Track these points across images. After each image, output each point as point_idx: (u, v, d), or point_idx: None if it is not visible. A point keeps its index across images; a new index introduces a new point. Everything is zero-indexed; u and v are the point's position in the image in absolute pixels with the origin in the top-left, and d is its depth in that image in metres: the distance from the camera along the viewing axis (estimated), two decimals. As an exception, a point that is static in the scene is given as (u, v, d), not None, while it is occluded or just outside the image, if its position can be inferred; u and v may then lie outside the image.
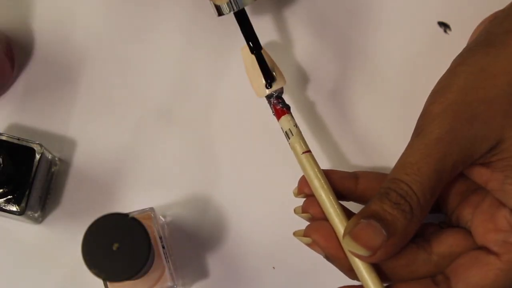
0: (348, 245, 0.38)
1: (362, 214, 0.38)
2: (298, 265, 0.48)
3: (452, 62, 0.40)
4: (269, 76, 0.44)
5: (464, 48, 0.40)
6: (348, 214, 0.40)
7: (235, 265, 0.48)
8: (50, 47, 0.50)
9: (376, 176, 0.42)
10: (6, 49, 0.49)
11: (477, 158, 0.38)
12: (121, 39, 0.51)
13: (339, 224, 0.39)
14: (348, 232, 0.38)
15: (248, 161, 0.49)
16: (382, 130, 0.50)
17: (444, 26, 0.51)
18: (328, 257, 0.40)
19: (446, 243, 0.39)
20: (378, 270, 0.39)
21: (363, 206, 0.40)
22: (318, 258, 0.41)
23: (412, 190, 0.37)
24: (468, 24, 0.48)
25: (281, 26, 0.51)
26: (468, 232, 0.40)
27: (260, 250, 0.48)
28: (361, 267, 0.38)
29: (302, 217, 0.42)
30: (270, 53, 0.45)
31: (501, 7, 0.42)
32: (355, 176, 0.42)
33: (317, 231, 0.40)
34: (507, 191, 0.37)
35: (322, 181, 0.40)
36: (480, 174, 0.39)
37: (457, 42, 0.45)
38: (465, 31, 0.48)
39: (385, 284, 0.39)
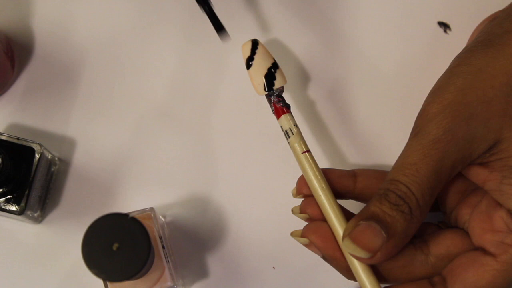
0: (348, 247, 0.38)
1: (361, 216, 0.38)
2: (298, 265, 0.48)
3: (451, 62, 0.40)
4: (217, 25, 0.43)
5: (463, 49, 0.40)
6: (347, 215, 0.40)
7: (235, 265, 0.48)
8: (50, 47, 0.50)
9: (375, 173, 0.42)
10: (7, 48, 0.49)
11: (475, 158, 0.38)
12: (121, 39, 0.51)
13: (337, 226, 0.39)
14: (347, 234, 0.38)
15: (248, 161, 0.49)
16: (382, 129, 0.50)
17: (444, 26, 0.51)
18: (325, 258, 0.40)
19: (443, 244, 0.39)
20: (375, 271, 0.39)
21: (363, 204, 0.40)
22: (318, 258, 0.41)
23: (410, 191, 0.37)
24: (468, 24, 0.48)
25: (283, 25, 0.51)
26: (465, 233, 0.40)
27: (260, 250, 0.48)
28: (359, 268, 0.38)
29: (299, 217, 0.42)
30: (271, 52, 0.45)
31: (501, 7, 0.42)
32: (354, 174, 0.42)
33: (314, 232, 0.40)
34: (504, 191, 0.37)
35: (322, 181, 0.40)
36: (477, 174, 0.39)
37: (457, 42, 0.45)
38: (465, 31, 0.48)
39: (382, 286, 0.39)
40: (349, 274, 0.39)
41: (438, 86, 0.39)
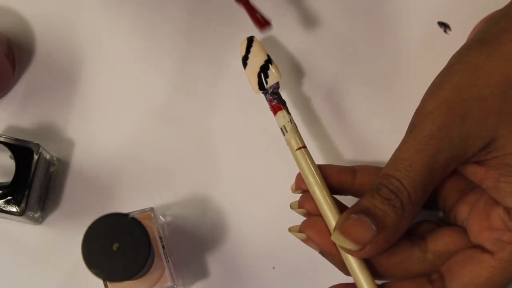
0: (337, 240, 0.38)
1: (353, 210, 0.38)
2: (298, 265, 0.48)
3: (449, 61, 0.40)
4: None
5: (461, 47, 0.41)
6: (342, 210, 0.40)
7: (235, 265, 0.48)
8: (51, 48, 0.51)
9: (374, 170, 0.42)
10: (7, 51, 0.49)
11: (471, 156, 0.38)
12: (121, 40, 0.51)
13: (332, 220, 0.39)
14: (338, 227, 0.38)
15: (248, 161, 0.49)
16: (379, 126, 0.50)
17: (444, 26, 0.51)
18: (322, 253, 0.40)
19: (441, 242, 0.40)
20: (372, 267, 0.39)
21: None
22: (317, 258, 0.41)
23: (403, 185, 0.37)
24: (468, 24, 0.48)
25: (279, 22, 0.51)
26: (464, 230, 0.40)
27: (260, 250, 0.48)
28: (353, 263, 0.38)
29: (298, 212, 0.42)
30: (269, 49, 0.45)
31: (500, 7, 0.43)
32: (353, 170, 0.42)
33: (311, 227, 0.40)
34: (501, 189, 0.37)
35: (317, 177, 0.41)
36: (474, 173, 0.39)
37: (457, 42, 0.45)
38: (465, 31, 0.48)
39: (380, 282, 0.39)
40: (345, 269, 0.39)
41: (435, 84, 0.39)
